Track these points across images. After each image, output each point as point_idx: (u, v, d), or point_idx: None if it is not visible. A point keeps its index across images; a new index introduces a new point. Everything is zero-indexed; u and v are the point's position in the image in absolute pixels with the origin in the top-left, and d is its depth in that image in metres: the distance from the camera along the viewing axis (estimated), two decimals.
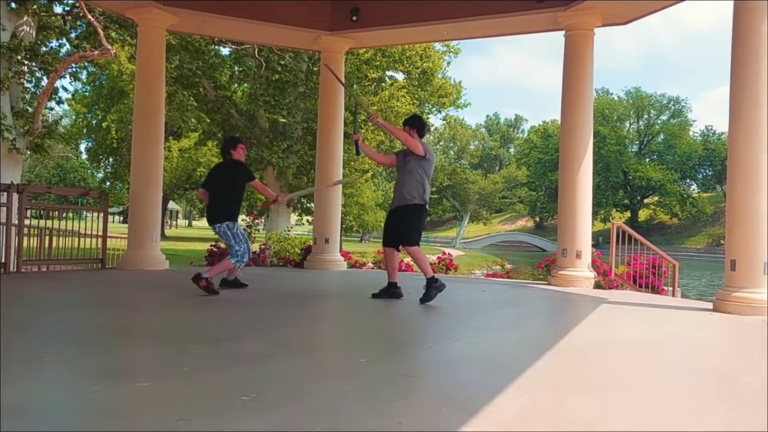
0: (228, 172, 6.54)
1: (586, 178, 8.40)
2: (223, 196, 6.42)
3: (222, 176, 6.55)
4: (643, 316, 6.26)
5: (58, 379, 3.12)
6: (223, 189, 6.44)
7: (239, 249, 6.31)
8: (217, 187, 6.47)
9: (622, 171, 64.71)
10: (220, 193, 6.42)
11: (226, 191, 6.44)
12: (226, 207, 6.43)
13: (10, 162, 12.25)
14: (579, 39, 8.41)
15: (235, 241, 6.32)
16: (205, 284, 6.06)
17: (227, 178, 6.48)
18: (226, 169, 6.60)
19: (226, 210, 6.40)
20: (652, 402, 3.01)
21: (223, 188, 6.44)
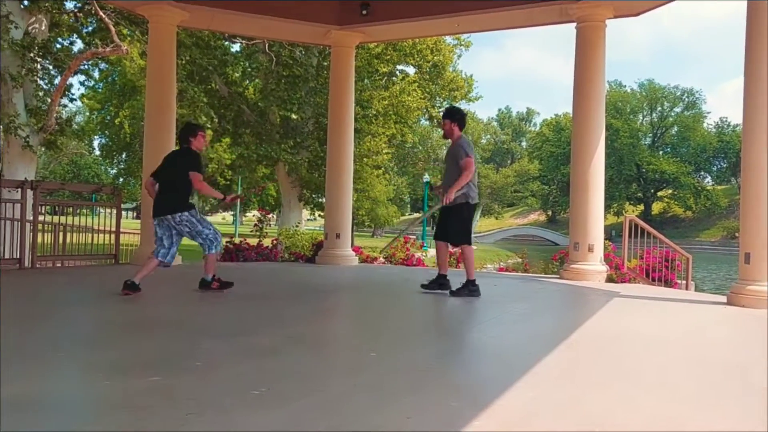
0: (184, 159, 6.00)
1: (598, 172, 8.34)
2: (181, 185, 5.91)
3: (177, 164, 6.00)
4: (656, 309, 6.22)
5: (71, 373, 3.15)
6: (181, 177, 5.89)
7: (209, 232, 5.94)
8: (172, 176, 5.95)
9: (636, 164, 64.19)
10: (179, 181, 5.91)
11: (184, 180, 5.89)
12: (184, 196, 5.94)
13: (24, 159, 12.38)
14: (591, 31, 8.33)
15: (202, 225, 5.93)
16: (218, 284, 5.99)
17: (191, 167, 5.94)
18: (182, 157, 6.05)
19: (184, 199, 5.93)
20: (663, 396, 2.99)
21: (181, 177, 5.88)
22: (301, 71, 19.39)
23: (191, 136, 6.08)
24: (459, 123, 6.31)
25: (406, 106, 23.55)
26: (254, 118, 20.52)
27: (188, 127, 6.35)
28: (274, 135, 20.28)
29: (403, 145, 32.22)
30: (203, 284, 6.03)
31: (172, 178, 5.93)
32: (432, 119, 32.66)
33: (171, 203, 5.85)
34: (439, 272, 6.47)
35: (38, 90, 12.87)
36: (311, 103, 19.96)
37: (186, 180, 5.87)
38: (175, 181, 5.90)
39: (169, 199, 5.87)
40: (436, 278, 6.45)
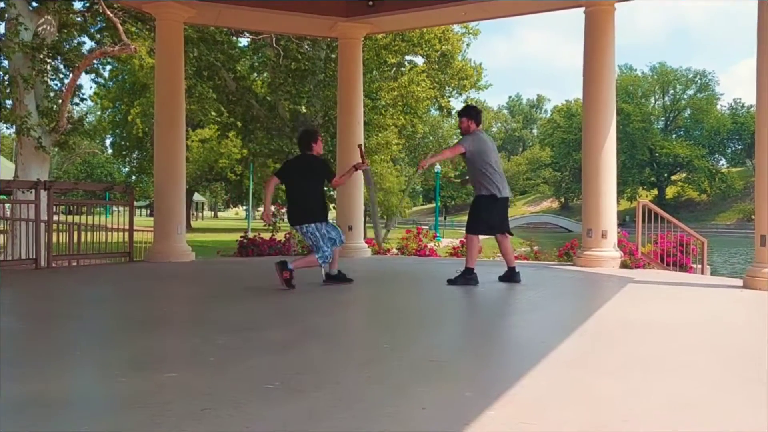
0: (316, 168, 6.14)
1: (610, 157, 8.28)
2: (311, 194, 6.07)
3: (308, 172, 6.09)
4: (671, 295, 6.17)
5: (87, 371, 3.18)
6: (310, 186, 6.06)
7: (327, 250, 6.05)
8: (301, 184, 6.06)
9: (648, 148, 63.61)
10: (307, 190, 6.06)
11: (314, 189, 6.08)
12: (315, 206, 6.08)
13: (38, 160, 12.48)
14: (599, 16, 8.24)
15: (323, 242, 6.03)
16: (288, 276, 5.89)
17: (315, 174, 6.11)
18: (311, 164, 6.14)
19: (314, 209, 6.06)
20: (677, 382, 2.97)
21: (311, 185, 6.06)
22: (308, 65, 19.36)
23: (313, 141, 6.18)
24: (475, 119, 6.51)
25: (415, 96, 23.45)
26: (264, 112, 20.54)
27: (309, 133, 6.43)
28: (285, 129, 20.29)
29: (413, 135, 32.12)
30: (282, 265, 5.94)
31: (304, 188, 6.05)
32: (442, 109, 32.52)
33: (300, 213, 6.05)
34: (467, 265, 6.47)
35: (49, 91, 12.95)
36: (320, 96, 19.94)
37: (318, 189, 6.11)
38: (308, 191, 6.05)
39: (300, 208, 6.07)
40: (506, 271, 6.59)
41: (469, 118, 6.46)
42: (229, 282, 7.09)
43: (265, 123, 20.40)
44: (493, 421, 2.35)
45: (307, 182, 6.06)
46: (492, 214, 6.39)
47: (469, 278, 6.27)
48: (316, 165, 6.15)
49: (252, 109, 20.41)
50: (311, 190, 6.07)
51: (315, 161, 6.17)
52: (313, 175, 6.10)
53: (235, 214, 78.03)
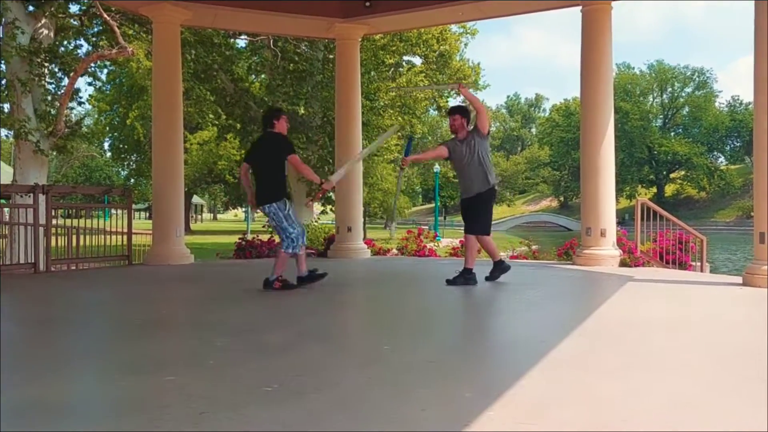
0: (272, 145, 5.92)
1: (608, 156, 8.28)
2: (270, 173, 5.85)
3: (266, 151, 5.92)
4: (671, 293, 6.17)
5: (87, 375, 3.18)
6: (268, 165, 5.85)
7: (293, 231, 5.82)
8: (261, 164, 5.90)
9: (647, 146, 63.60)
10: (266, 169, 5.87)
11: (272, 168, 5.85)
12: (275, 185, 5.87)
13: (36, 163, 12.47)
14: (596, 14, 8.24)
15: (287, 222, 5.80)
16: (280, 285, 5.82)
17: (272, 152, 5.87)
18: (269, 143, 5.96)
19: (274, 189, 5.85)
20: (678, 380, 2.97)
21: (269, 164, 5.85)
22: (306, 66, 19.35)
23: (275, 119, 5.95)
24: (469, 118, 6.52)
25: (414, 96, 23.45)
26: (262, 114, 20.53)
27: (271, 111, 6.26)
28: None
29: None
30: (267, 285, 5.87)
31: (262, 166, 5.86)
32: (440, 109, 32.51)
33: (263, 193, 5.84)
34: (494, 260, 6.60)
35: (47, 94, 12.94)
36: (318, 97, 19.93)
37: (276, 167, 5.81)
38: (265, 169, 5.84)
39: (261, 188, 5.85)
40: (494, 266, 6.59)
41: (463, 117, 6.49)
42: (227, 284, 7.08)
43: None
44: (492, 422, 2.34)
45: (266, 161, 5.86)
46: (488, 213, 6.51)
47: (468, 278, 6.31)
48: (274, 142, 5.90)
49: (250, 110, 20.39)
50: (270, 169, 5.84)
51: (274, 139, 5.92)
52: (271, 153, 5.87)
53: (234, 216, 78.01)
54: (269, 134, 5.95)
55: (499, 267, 6.54)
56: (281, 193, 5.87)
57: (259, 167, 5.91)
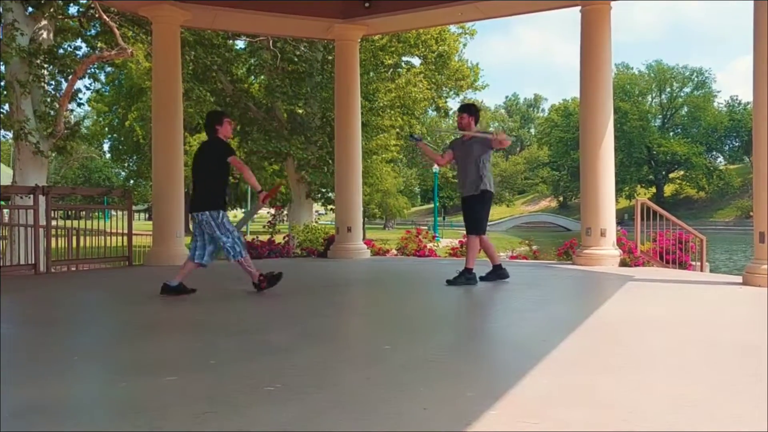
0: (209, 152, 5.72)
1: (607, 156, 8.29)
2: (204, 180, 5.66)
3: (203, 158, 5.73)
4: (671, 292, 6.18)
5: (88, 376, 3.18)
6: (203, 173, 5.66)
7: (226, 240, 5.61)
8: (198, 171, 5.71)
9: (646, 146, 63.67)
10: (201, 177, 5.66)
11: (208, 175, 5.65)
12: (208, 193, 5.64)
13: (36, 165, 12.47)
14: (595, 14, 8.25)
15: (220, 231, 5.59)
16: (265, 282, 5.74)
17: (208, 159, 5.68)
18: (207, 149, 5.77)
19: (207, 197, 5.63)
20: (678, 379, 2.97)
21: (204, 172, 5.65)
22: (305, 66, 19.35)
23: (217, 123, 5.73)
24: (476, 117, 6.63)
25: (413, 97, 23.45)
26: (261, 115, 20.52)
27: (213, 114, 6.04)
28: (282, 131, 20.28)
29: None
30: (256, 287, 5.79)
31: (198, 173, 5.68)
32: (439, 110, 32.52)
33: (197, 200, 5.65)
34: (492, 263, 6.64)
35: (46, 96, 12.94)
36: (318, 98, 19.93)
37: (212, 174, 5.62)
38: (201, 176, 5.65)
39: (196, 195, 5.68)
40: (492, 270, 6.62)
41: (470, 115, 6.55)
42: (227, 285, 7.08)
43: (263, 125, 20.38)
44: (495, 421, 2.35)
45: (202, 168, 5.66)
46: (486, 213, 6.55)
47: (468, 278, 6.32)
48: (211, 149, 5.69)
49: (249, 111, 20.39)
50: (204, 176, 5.63)
51: (212, 144, 5.71)
52: (207, 160, 5.66)
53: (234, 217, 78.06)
54: (209, 140, 5.78)
55: (496, 271, 6.55)
56: (215, 202, 5.63)
57: (196, 174, 5.71)
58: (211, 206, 5.59)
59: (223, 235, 5.61)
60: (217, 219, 5.58)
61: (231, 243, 5.63)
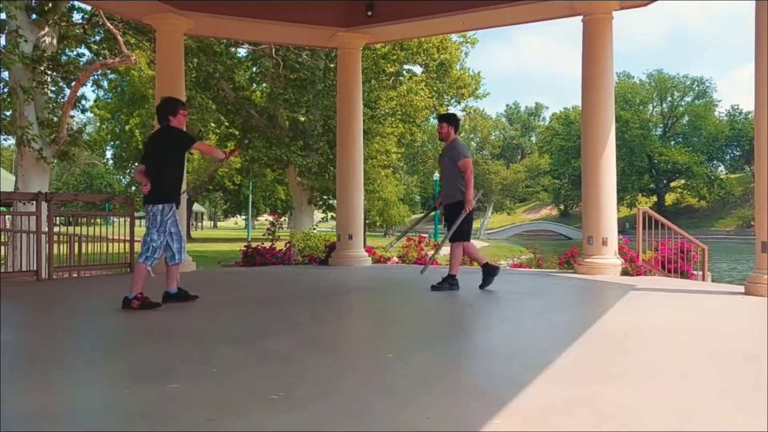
0: (165, 141, 5.38)
1: (609, 164, 8.30)
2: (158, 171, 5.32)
3: (158, 147, 5.39)
4: (673, 301, 6.17)
5: (91, 383, 3.18)
6: (159, 163, 5.32)
7: (156, 239, 5.25)
8: (151, 161, 5.36)
9: (647, 155, 63.74)
10: (155, 167, 5.32)
11: (163, 165, 5.32)
12: (161, 185, 5.30)
13: (38, 171, 12.50)
14: (597, 24, 8.28)
15: (156, 229, 5.25)
16: (139, 304, 5.26)
17: (165, 148, 5.36)
18: (162, 139, 5.41)
19: (159, 189, 5.29)
20: (682, 388, 2.97)
21: (160, 162, 5.32)
22: (308, 74, 19.42)
23: (171, 114, 5.36)
24: (456, 126, 6.73)
25: (414, 105, 23.51)
26: (263, 122, 20.59)
27: (167, 102, 5.49)
28: (284, 138, 20.33)
29: (412, 144, 32.18)
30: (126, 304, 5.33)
31: (152, 164, 5.34)
32: None
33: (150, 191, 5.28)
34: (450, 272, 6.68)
35: (49, 102, 12.99)
36: (319, 105, 20.00)
37: (165, 165, 5.32)
38: (154, 166, 5.31)
39: (152, 186, 5.29)
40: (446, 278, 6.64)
41: (450, 124, 6.65)
42: (229, 292, 7.09)
43: (265, 132, 20.44)
44: (497, 430, 2.35)
45: (160, 156, 5.32)
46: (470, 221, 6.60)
47: (452, 284, 6.49)
48: (167, 137, 5.36)
49: (251, 119, 20.45)
50: (158, 167, 5.30)
51: (170, 132, 5.37)
52: (162, 149, 5.34)
53: (235, 224, 78.02)
54: (163, 129, 5.40)
55: (488, 271, 6.63)
56: (168, 195, 5.33)
57: (150, 165, 5.35)
58: (166, 199, 5.29)
59: (156, 233, 5.25)
60: (164, 215, 5.27)
61: (156, 245, 5.27)
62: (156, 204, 5.26)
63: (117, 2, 8.79)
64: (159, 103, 5.62)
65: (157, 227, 5.27)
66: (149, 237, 5.27)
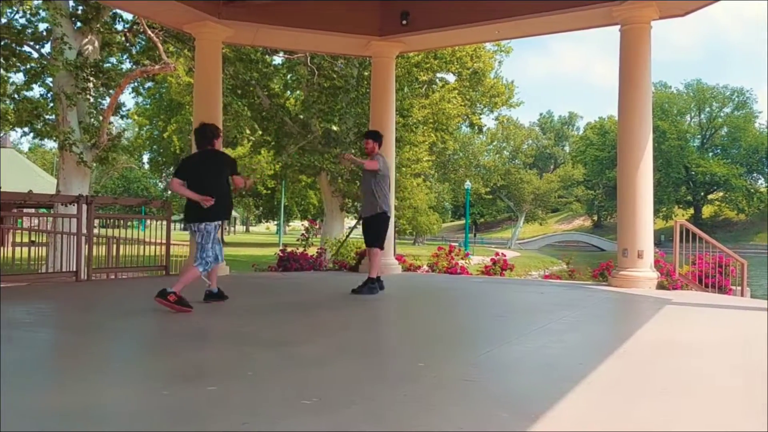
0: (223, 163, 5.84)
1: (646, 175, 8.17)
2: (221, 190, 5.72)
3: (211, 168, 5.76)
4: (710, 317, 6.04)
5: (129, 383, 3.25)
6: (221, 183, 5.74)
7: (210, 254, 5.67)
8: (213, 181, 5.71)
9: (684, 166, 62.55)
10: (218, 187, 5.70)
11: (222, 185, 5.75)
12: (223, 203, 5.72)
13: (79, 174, 12.86)
14: (635, 33, 8.18)
15: (211, 244, 5.67)
16: (175, 298, 5.40)
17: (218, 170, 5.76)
18: (219, 161, 5.85)
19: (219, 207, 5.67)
20: (716, 405, 2.91)
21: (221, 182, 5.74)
22: (341, 82, 19.59)
23: (215, 138, 5.88)
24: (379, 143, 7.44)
25: (447, 113, 23.52)
26: (296, 129, 20.81)
27: (213, 128, 5.99)
28: (317, 145, 20.52)
29: (444, 152, 32.16)
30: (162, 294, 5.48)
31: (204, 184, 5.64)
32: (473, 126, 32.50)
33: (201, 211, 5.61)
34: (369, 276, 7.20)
35: (91, 108, 13.35)
36: (352, 113, 20.14)
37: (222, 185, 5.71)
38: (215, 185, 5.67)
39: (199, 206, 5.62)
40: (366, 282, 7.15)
41: (374, 141, 7.35)
42: (262, 296, 7.17)
43: (298, 139, 20.67)
44: None
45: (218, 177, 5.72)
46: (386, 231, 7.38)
47: (372, 287, 6.99)
48: (224, 160, 5.88)
49: (285, 126, 20.70)
50: (222, 185, 5.74)
51: (223, 156, 5.95)
52: (221, 170, 5.78)
53: (266, 229, 78.82)
54: (215, 152, 5.88)
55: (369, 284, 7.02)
56: (224, 214, 5.82)
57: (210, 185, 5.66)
58: (223, 216, 5.78)
59: (212, 246, 5.66)
60: (216, 231, 5.71)
61: (212, 258, 5.68)
62: (213, 221, 5.68)
63: (158, 11, 9.00)
64: (201, 127, 6.01)
65: (212, 242, 5.69)
66: (205, 253, 5.67)
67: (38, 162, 51.12)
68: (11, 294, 6.68)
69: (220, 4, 8.88)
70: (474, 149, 50.60)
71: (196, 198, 5.59)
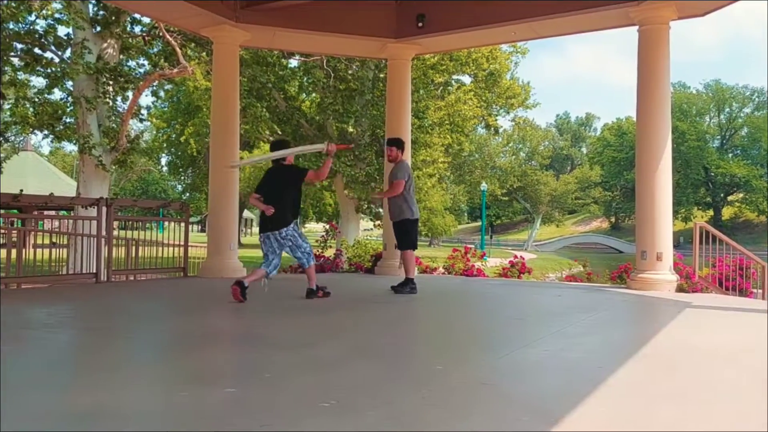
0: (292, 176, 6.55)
1: (665, 177, 8.08)
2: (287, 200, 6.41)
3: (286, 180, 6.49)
4: (730, 320, 5.97)
5: (149, 384, 3.28)
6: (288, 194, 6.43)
7: (307, 245, 6.53)
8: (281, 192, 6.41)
9: (703, 167, 61.78)
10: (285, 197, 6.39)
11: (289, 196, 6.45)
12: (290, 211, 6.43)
13: (98, 177, 13.01)
14: (653, 33, 8.11)
15: (302, 239, 6.49)
16: (322, 294, 6.54)
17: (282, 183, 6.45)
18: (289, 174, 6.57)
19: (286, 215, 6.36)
20: (737, 409, 2.88)
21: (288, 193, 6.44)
22: (357, 85, 19.62)
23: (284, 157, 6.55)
24: (402, 150, 7.80)
25: (462, 115, 23.44)
26: (312, 131, 20.88)
27: (284, 143, 7.06)
28: None
29: (459, 153, 32.05)
30: (310, 294, 6.55)
31: (277, 196, 6.33)
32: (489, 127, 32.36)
33: (278, 219, 6.29)
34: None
35: (110, 111, 13.51)
36: (367, 115, 20.15)
37: (289, 196, 6.40)
38: (279, 198, 6.32)
39: (277, 215, 6.28)
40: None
41: (398, 148, 7.68)
42: (279, 298, 7.20)
43: (314, 142, 20.72)
44: None
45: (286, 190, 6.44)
46: (416, 232, 7.78)
47: (413, 287, 7.31)
48: (292, 173, 6.57)
49: (301, 128, 20.77)
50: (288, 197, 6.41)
51: (292, 169, 6.63)
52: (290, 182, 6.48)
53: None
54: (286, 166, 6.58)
55: (410, 284, 7.38)
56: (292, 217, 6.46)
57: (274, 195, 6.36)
58: (289, 221, 6.37)
59: (304, 242, 6.49)
60: (297, 230, 6.44)
61: (309, 248, 6.59)
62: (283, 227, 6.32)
63: (176, 15, 9.08)
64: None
65: (300, 239, 6.46)
66: (302, 249, 6.47)
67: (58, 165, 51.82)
68: (33, 295, 6.78)
69: (238, 8, 8.94)
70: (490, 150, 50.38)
71: (262, 208, 6.36)
